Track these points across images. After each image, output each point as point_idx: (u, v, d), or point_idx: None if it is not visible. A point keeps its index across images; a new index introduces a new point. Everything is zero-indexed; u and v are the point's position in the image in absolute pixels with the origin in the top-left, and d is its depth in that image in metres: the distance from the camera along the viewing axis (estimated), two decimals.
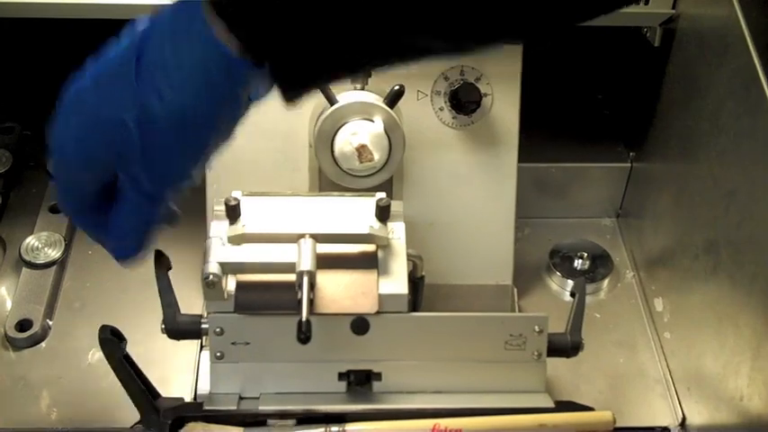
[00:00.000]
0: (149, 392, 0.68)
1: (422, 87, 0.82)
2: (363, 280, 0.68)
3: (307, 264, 0.64)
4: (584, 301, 0.73)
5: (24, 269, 0.91)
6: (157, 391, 0.69)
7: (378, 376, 0.69)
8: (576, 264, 0.95)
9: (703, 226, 0.80)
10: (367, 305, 0.67)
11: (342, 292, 0.67)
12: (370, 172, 0.78)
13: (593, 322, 0.90)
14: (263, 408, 0.68)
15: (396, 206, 0.70)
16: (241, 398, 0.69)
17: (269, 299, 0.67)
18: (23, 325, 0.86)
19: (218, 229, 0.69)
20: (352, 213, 0.70)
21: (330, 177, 0.79)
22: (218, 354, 0.68)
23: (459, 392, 0.70)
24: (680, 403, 0.84)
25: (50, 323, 0.88)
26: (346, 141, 0.77)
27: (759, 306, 0.70)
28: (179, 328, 0.69)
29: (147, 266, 0.73)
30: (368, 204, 0.70)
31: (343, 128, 0.77)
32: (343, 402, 0.69)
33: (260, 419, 0.67)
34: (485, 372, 0.70)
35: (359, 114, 0.77)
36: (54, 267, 0.91)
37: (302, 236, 0.66)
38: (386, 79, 0.80)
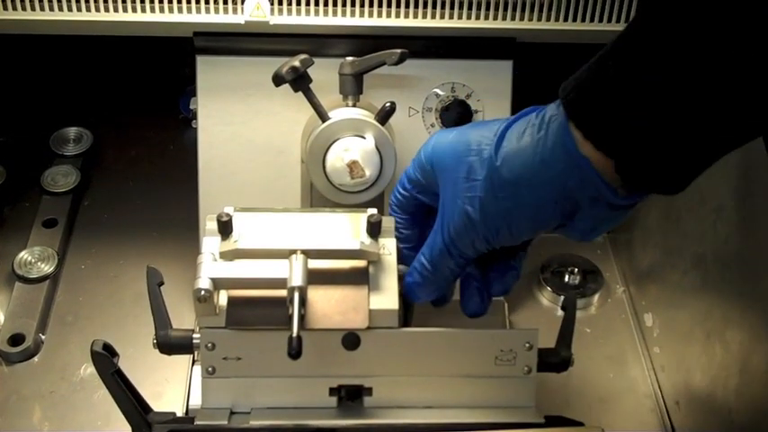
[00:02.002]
0: (141, 407, 0.68)
1: (413, 104, 0.83)
2: (354, 295, 0.68)
3: (298, 279, 0.65)
4: (575, 315, 0.73)
5: (17, 283, 0.91)
6: (149, 406, 0.69)
7: (369, 391, 0.69)
8: (566, 279, 0.95)
9: (692, 241, 0.81)
10: (358, 320, 0.67)
11: (333, 307, 0.67)
12: (361, 188, 0.79)
13: (584, 337, 0.91)
14: (255, 422, 0.68)
15: (387, 222, 0.70)
16: (232, 412, 0.69)
17: (260, 314, 0.67)
18: (16, 339, 0.86)
19: (210, 244, 0.69)
20: (344, 229, 0.71)
21: (322, 193, 0.80)
22: (210, 368, 0.68)
23: (450, 407, 0.70)
24: (669, 418, 0.84)
25: (43, 337, 0.88)
26: (338, 157, 0.77)
27: (746, 321, 0.71)
28: (171, 342, 0.69)
29: (140, 281, 0.74)
30: (359, 220, 0.71)
31: (335, 144, 0.77)
32: (334, 417, 0.69)
33: None
34: (475, 387, 0.70)
35: (350, 131, 0.78)
36: (47, 282, 0.92)
37: (294, 252, 0.67)
38: (377, 96, 0.81)
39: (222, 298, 0.68)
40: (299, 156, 0.83)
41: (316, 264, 0.67)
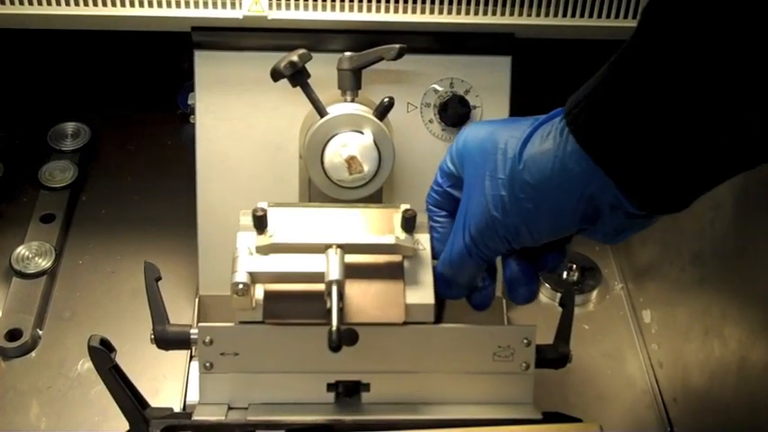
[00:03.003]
0: (138, 402, 0.68)
1: (411, 100, 0.83)
2: (390, 290, 0.68)
3: (336, 273, 0.65)
4: (573, 312, 0.73)
5: (14, 279, 0.91)
6: (146, 401, 0.69)
7: (366, 387, 0.69)
8: (564, 275, 0.95)
9: (690, 238, 0.81)
10: (394, 315, 0.67)
11: (369, 301, 0.67)
12: (359, 183, 0.79)
13: (582, 333, 0.91)
14: (252, 418, 0.68)
15: (421, 217, 0.70)
16: (230, 408, 0.69)
17: (297, 308, 0.67)
18: (13, 334, 0.86)
19: (245, 239, 0.69)
20: (377, 224, 0.71)
21: (320, 188, 0.79)
22: (208, 364, 0.68)
23: (448, 404, 0.70)
24: (667, 414, 0.84)
25: (40, 333, 0.88)
26: (336, 153, 0.77)
27: (744, 318, 0.71)
28: (168, 338, 0.69)
29: (137, 277, 0.74)
30: (392, 215, 0.71)
31: (333, 139, 0.77)
32: (332, 413, 0.69)
33: (248, 430, 0.67)
34: (473, 383, 0.70)
35: (349, 126, 0.77)
36: (44, 277, 0.92)
37: (330, 246, 0.67)
38: (376, 91, 0.81)
39: (258, 292, 0.67)
40: (297, 151, 0.83)
41: (351, 258, 0.67)
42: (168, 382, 0.84)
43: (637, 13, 0.82)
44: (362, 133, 0.77)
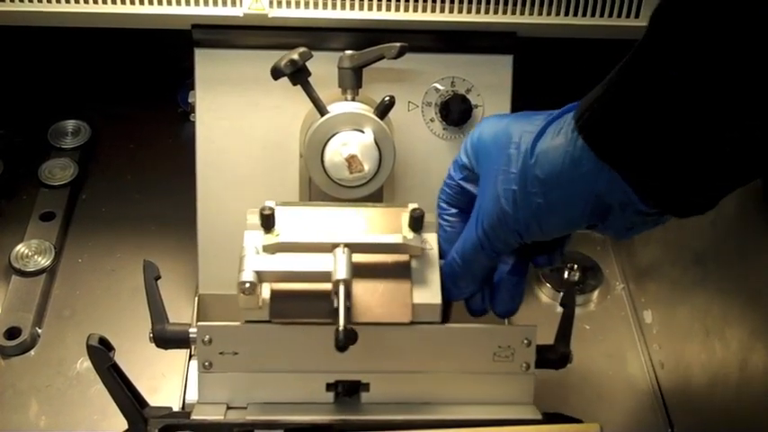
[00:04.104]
0: (137, 401, 0.68)
1: (412, 98, 0.83)
2: (397, 289, 0.68)
3: (342, 272, 0.64)
4: (574, 312, 0.73)
5: (14, 277, 0.91)
6: (145, 400, 0.69)
7: (366, 387, 0.69)
8: (565, 275, 0.95)
9: (692, 239, 0.80)
10: (401, 314, 0.67)
11: (376, 300, 0.67)
12: (360, 182, 0.78)
13: (583, 334, 0.90)
14: (251, 417, 0.67)
15: (429, 217, 0.70)
16: (229, 407, 0.69)
17: (304, 307, 0.67)
18: (12, 333, 0.86)
19: (252, 238, 0.69)
20: (384, 224, 0.71)
21: (320, 187, 0.79)
22: (207, 363, 0.68)
23: (448, 404, 0.70)
24: (668, 415, 0.84)
25: (39, 331, 0.88)
26: (336, 152, 0.77)
27: (746, 318, 0.71)
28: (167, 337, 0.69)
29: (137, 275, 0.74)
30: (400, 215, 0.71)
31: (334, 138, 0.77)
32: (331, 413, 0.68)
33: (247, 429, 0.67)
34: (473, 383, 0.70)
35: (349, 125, 0.77)
36: (44, 275, 0.91)
37: (337, 245, 0.66)
38: (376, 90, 0.81)
39: (265, 291, 0.67)
40: (297, 150, 0.83)
41: (358, 257, 0.67)
42: (167, 381, 0.83)
43: (639, 12, 0.81)
44: (363, 132, 0.77)
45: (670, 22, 0.53)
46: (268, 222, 0.68)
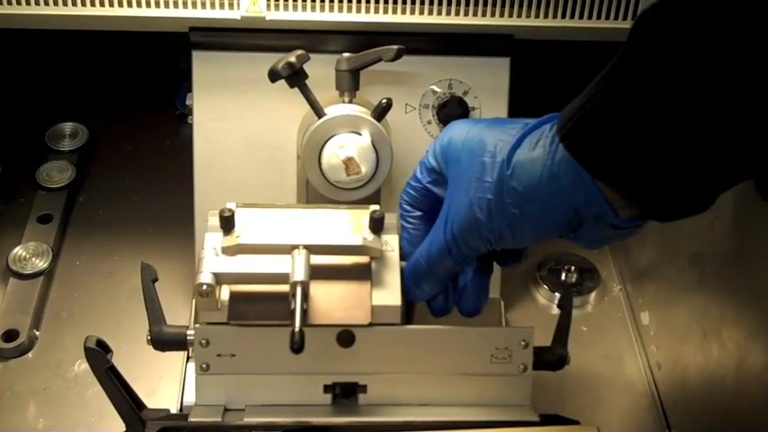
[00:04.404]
0: (134, 403, 0.68)
1: (410, 101, 0.83)
2: (356, 291, 0.68)
3: (300, 274, 0.65)
4: (571, 314, 0.73)
5: (11, 279, 0.91)
6: (143, 402, 0.69)
7: (363, 389, 0.69)
8: (563, 277, 0.95)
9: (689, 240, 0.80)
10: (360, 316, 0.67)
11: (335, 303, 0.67)
12: (357, 184, 0.78)
13: (580, 335, 0.90)
14: (248, 419, 0.67)
15: (389, 218, 0.70)
16: (226, 409, 0.69)
17: (262, 309, 0.67)
18: (10, 335, 0.86)
19: (212, 240, 0.69)
20: (346, 225, 0.71)
21: (318, 189, 0.79)
22: (204, 365, 0.68)
23: (445, 405, 0.70)
24: (665, 416, 0.84)
25: (37, 333, 0.88)
26: (334, 154, 0.77)
27: (743, 319, 0.71)
28: (165, 339, 0.69)
29: (134, 277, 0.74)
30: (361, 216, 0.71)
31: (331, 140, 0.77)
32: (329, 415, 0.69)
33: (245, 431, 0.67)
34: (470, 385, 0.70)
35: (347, 127, 0.77)
36: (41, 278, 0.91)
37: (296, 247, 0.66)
38: (374, 92, 0.81)
39: (224, 293, 0.67)
40: (294, 152, 0.83)
41: (318, 259, 0.67)
42: (165, 383, 0.84)
43: (635, 15, 0.81)
44: (360, 134, 0.77)
45: (661, 22, 0.53)
46: (228, 224, 0.68)
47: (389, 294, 0.68)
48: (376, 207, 0.70)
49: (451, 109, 0.82)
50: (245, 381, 0.69)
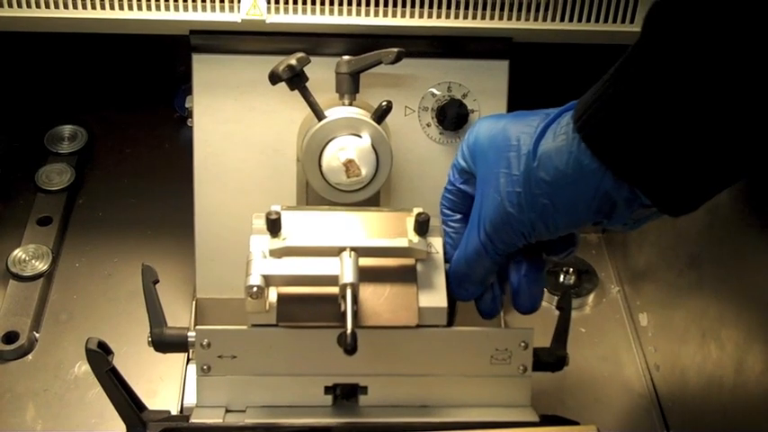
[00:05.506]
0: (135, 405, 0.68)
1: (409, 103, 0.83)
2: (403, 293, 0.68)
3: (350, 276, 0.65)
4: (570, 315, 0.74)
5: (11, 281, 0.91)
6: (143, 404, 0.69)
7: (364, 390, 0.70)
8: (561, 278, 0.95)
9: (687, 241, 0.81)
10: (407, 318, 0.67)
11: (382, 304, 0.67)
12: (357, 187, 0.79)
13: (579, 337, 0.91)
14: (249, 421, 0.68)
15: (434, 221, 0.71)
16: (227, 411, 0.69)
17: (311, 311, 0.67)
18: (10, 337, 0.86)
19: (258, 242, 0.69)
20: (389, 228, 0.71)
21: (318, 191, 0.79)
22: (205, 367, 0.68)
23: (445, 407, 0.70)
24: (664, 417, 0.84)
25: (37, 335, 0.88)
26: (334, 156, 0.77)
27: (741, 321, 0.71)
28: (166, 341, 0.69)
29: (135, 279, 0.74)
30: (405, 219, 0.71)
31: (331, 143, 0.77)
32: (330, 416, 0.69)
33: None
34: (470, 386, 0.70)
35: (347, 130, 0.78)
36: (41, 280, 0.92)
37: (343, 249, 0.67)
38: (374, 95, 0.81)
39: (272, 295, 0.67)
40: (294, 154, 0.83)
41: (364, 261, 0.68)
42: (165, 384, 0.84)
43: (634, 17, 0.82)
44: (360, 137, 0.77)
45: (667, 19, 0.53)
46: (274, 226, 0.68)
47: (436, 296, 0.68)
48: (420, 209, 0.70)
49: (451, 111, 0.82)
50: (245, 382, 0.69)
